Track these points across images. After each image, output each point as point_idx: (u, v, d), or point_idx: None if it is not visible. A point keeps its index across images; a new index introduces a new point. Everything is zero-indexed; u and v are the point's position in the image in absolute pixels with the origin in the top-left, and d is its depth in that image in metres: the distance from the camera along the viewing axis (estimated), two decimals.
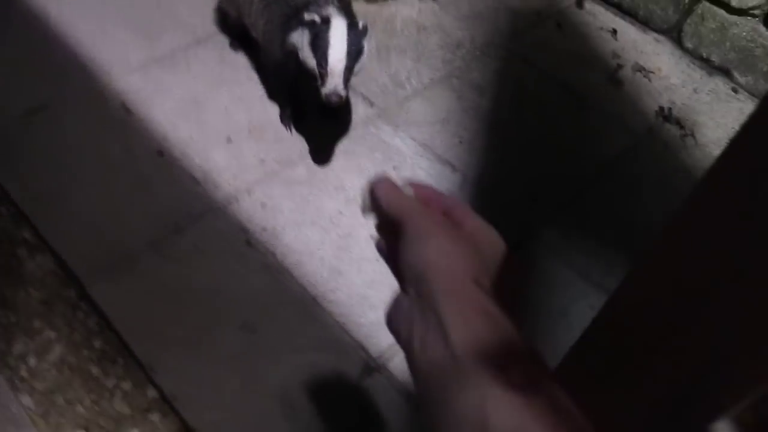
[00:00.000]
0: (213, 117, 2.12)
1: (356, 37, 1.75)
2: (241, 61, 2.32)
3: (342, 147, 2.12)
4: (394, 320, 0.61)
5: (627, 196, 2.18)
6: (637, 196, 2.19)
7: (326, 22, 1.74)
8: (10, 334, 1.63)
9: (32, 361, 1.61)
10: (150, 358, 1.61)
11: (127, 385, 1.60)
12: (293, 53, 1.84)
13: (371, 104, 2.27)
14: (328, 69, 1.72)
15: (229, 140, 2.07)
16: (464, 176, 2.12)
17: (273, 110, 2.18)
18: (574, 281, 1.93)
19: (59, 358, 1.61)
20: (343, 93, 1.74)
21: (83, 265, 1.73)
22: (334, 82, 1.72)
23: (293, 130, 2.13)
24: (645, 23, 2.83)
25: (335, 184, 2.02)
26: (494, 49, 2.59)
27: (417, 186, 0.70)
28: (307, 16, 1.77)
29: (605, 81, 2.58)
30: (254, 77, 2.27)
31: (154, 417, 1.57)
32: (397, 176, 2.04)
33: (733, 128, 2.46)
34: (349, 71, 1.75)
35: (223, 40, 2.38)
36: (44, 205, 1.83)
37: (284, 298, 1.75)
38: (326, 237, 1.89)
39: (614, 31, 2.80)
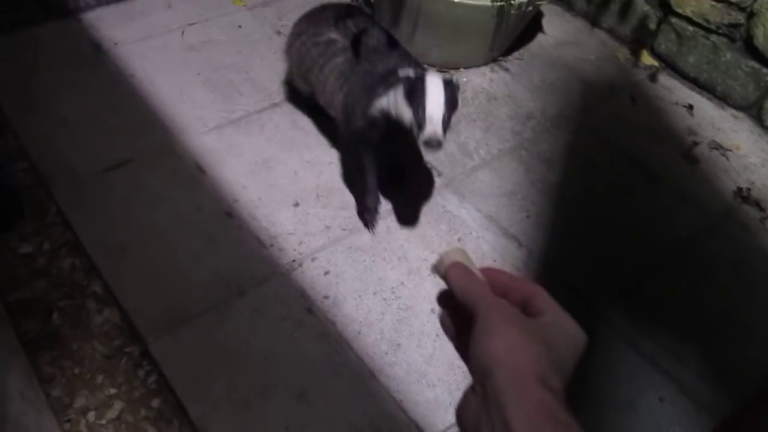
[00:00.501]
0: (282, 180, 2.16)
1: (452, 89, 1.76)
2: (312, 126, 2.37)
3: (404, 216, 2.11)
4: (463, 417, 0.59)
5: (700, 280, 2.09)
6: (710, 280, 2.10)
7: (421, 77, 1.76)
8: (72, 387, 1.66)
9: (92, 416, 1.62)
10: (204, 421, 1.61)
11: None
12: (380, 117, 1.87)
13: (439, 174, 2.27)
14: (427, 115, 1.72)
15: (296, 204, 2.09)
16: (530, 252, 2.07)
17: (341, 176, 2.20)
18: (641, 369, 1.85)
19: (117, 416, 1.63)
20: (441, 138, 1.72)
21: (147, 321, 1.76)
22: (433, 128, 1.71)
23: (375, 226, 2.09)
24: (723, 99, 2.76)
25: (398, 254, 2.00)
26: (565, 121, 2.57)
27: (493, 272, 0.68)
28: (401, 72, 1.79)
29: (680, 158, 2.51)
30: (324, 142, 2.31)
31: None
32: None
33: None
34: (446, 121, 1.74)
35: (297, 105, 2.43)
36: (115, 258, 1.89)
37: (341, 369, 1.73)
38: (387, 308, 1.87)
39: (690, 107, 2.74)
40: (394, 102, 1.81)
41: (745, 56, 2.63)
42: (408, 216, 2.11)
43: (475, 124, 2.49)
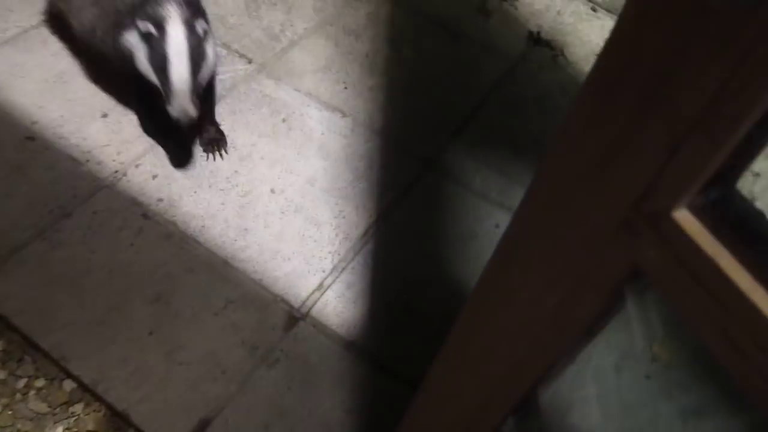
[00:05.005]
0: (83, 93, 1.99)
1: (197, 42, 1.60)
2: None
3: (227, 107, 2.05)
4: None
5: (512, 118, 2.27)
6: (521, 115, 2.28)
7: (161, 28, 1.58)
8: None
9: None
10: (61, 350, 1.52)
11: (40, 383, 1.51)
12: (128, 59, 1.68)
13: (249, 60, 2.21)
14: (171, 87, 1.59)
15: (105, 115, 1.95)
16: (354, 120, 2.12)
17: None
18: (477, 204, 2.00)
19: None
20: (193, 113, 1.60)
21: None
22: (181, 104, 1.59)
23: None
24: None
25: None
26: None
27: None
28: (141, 26, 1.60)
29: (475, 13, 2.64)
30: None
31: (77, 408, 1.49)
32: (288, 128, 2.02)
33: (597, 44, 2.60)
34: (194, 84, 1.61)
35: None
36: None
37: (193, 265, 1.70)
38: (226, 198, 1.84)
39: None
40: (140, 59, 1.64)
41: None
42: (227, 107, 2.05)
43: (276, 7, 2.43)
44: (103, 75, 2.04)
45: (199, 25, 1.63)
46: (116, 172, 1.84)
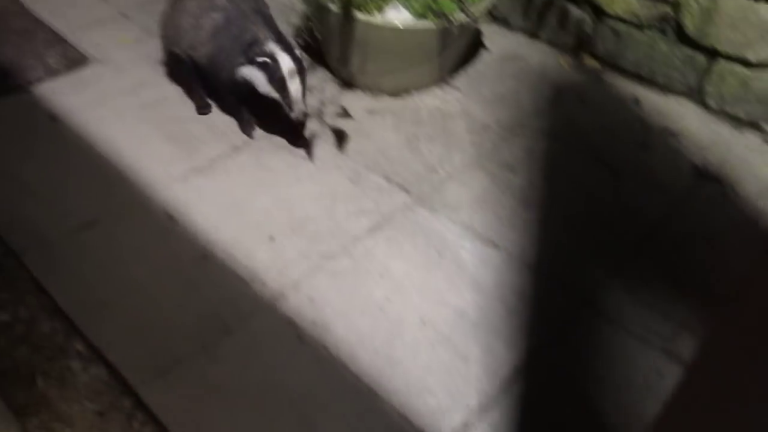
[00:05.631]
0: (254, 218, 2.16)
1: (300, 64, 2.23)
2: (277, 164, 2.39)
3: (383, 234, 2.13)
4: None
5: (676, 257, 2.14)
6: (687, 254, 2.15)
7: (275, 60, 2.19)
8: None
9: None
10: None
11: None
12: (244, 83, 2.30)
13: (407, 192, 2.30)
14: (292, 99, 2.22)
15: (272, 239, 2.09)
16: (509, 254, 2.10)
17: (312, 207, 2.22)
18: (636, 348, 1.86)
19: None
20: (307, 111, 2.29)
21: (136, 373, 1.72)
22: (299, 107, 2.24)
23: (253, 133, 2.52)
24: (666, 88, 2.88)
25: (380, 271, 2.01)
26: (520, 128, 2.64)
27: None
28: (259, 60, 2.20)
29: (636, 148, 2.59)
30: (291, 178, 2.33)
31: None
32: (442, 259, 2.04)
33: None
34: (304, 93, 2.26)
35: (259, 146, 2.46)
36: (95, 316, 1.85)
37: (341, 391, 1.71)
38: (377, 326, 1.86)
39: (637, 100, 2.84)
40: (260, 82, 2.24)
41: (679, 45, 2.76)
42: (384, 234, 2.13)
43: (435, 142, 2.54)
44: (270, 202, 2.21)
45: (297, 52, 2.25)
46: (277, 293, 1.93)
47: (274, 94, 2.24)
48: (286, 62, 2.19)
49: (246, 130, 2.51)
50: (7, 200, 2.18)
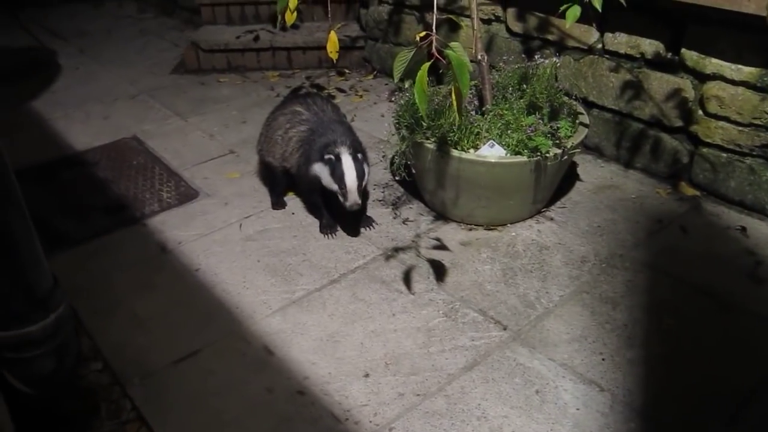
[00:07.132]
0: (349, 353, 2.17)
1: (360, 164, 2.52)
2: (372, 296, 2.41)
3: (480, 373, 2.07)
4: None
5: None
6: None
7: (338, 158, 2.49)
8: None
9: None
10: None
11: None
12: (316, 178, 2.62)
13: (504, 327, 2.25)
14: (347, 189, 2.49)
15: (367, 375, 2.08)
16: (613, 396, 1.99)
17: (407, 342, 2.20)
18: None
19: None
20: (359, 202, 2.53)
21: None
22: (352, 198, 2.50)
23: (336, 233, 2.80)
24: None
25: (476, 414, 1.94)
26: (620, 260, 2.57)
27: None
28: (326, 156, 2.53)
29: (746, 280, 2.46)
30: (386, 311, 2.34)
31: None
32: (541, 401, 1.95)
33: None
34: (360, 187, 2.53)
35: (355, 278, 2.51)
36: None
37: None
38: None
39: (743, 229, 2.73)
40: (324, 176, 2.57)
41: None
42: (480, 374, 2.07)
43: (532, 275, 2.50)
44: (366, 336, 2.22)
45: (360, 155, 2.55)
46: None
47: (334, 186, 2.53)
48: (347, 160, 2.49)
49: (325, 231, 2.79)
50: (117, 329, 2.30)
